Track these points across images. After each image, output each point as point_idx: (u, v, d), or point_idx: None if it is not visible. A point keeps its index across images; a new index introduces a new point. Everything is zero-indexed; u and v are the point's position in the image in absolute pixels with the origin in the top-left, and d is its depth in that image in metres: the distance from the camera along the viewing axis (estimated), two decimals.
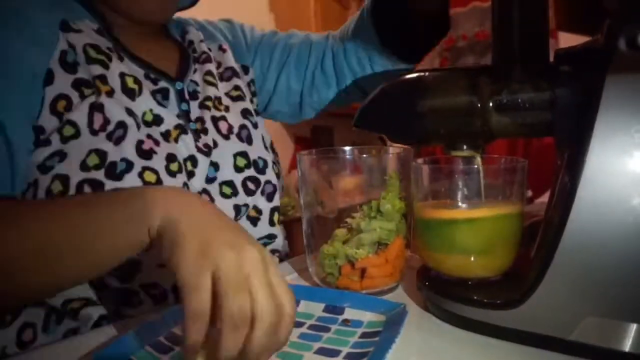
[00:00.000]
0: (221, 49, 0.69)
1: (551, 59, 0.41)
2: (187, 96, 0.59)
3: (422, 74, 0.46)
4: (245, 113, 0.64)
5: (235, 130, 0.61)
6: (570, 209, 0.34)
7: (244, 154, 0.60)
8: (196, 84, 0.61)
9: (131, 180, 0.48)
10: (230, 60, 0.68)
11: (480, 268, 0.43)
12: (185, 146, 0.54)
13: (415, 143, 0.51)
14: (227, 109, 0.63)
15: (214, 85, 0.62)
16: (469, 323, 0.40)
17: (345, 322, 0.42)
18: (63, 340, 0.46)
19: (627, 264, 0.33)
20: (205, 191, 0.55)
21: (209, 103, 0.60)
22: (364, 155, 0.51)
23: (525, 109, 0.41)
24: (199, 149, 0.55)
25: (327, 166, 0.51)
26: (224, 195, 0.57)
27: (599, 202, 0.33)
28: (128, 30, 0.58)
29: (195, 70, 0.63)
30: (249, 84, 0.71)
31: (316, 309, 0.44)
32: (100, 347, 0.40)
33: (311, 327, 0.41)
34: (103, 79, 0.50)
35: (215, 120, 0.60)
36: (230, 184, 0.57)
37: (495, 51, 0.43)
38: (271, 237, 0.63)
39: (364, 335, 0.39)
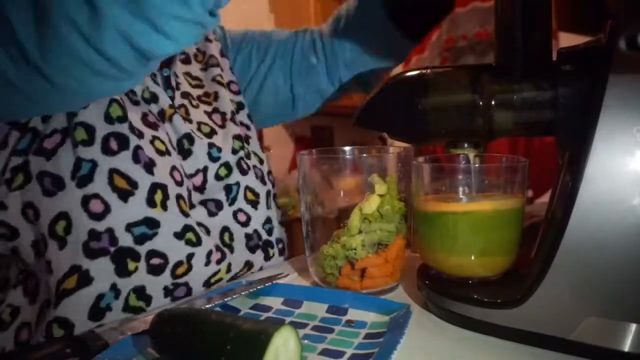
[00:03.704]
0: (207, 39, 0.69)
1: (553, 58, 0.41)
2: (173, 83, 0.59)
3: (423, 71, 0.46)
4: (228, 107, 0.65)
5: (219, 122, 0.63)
6: (572, 209, 0.34)
7: (237, 137, 0.62)
8: (176, 75, 0.61)
9: (145, 145, 0.50)
10: (215, 49, 0.69)
11: (481, 267, 0.43)
12: (180, 125, 0.56)
13: (416, 141, 0.51)
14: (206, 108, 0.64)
15: (193, 86, 0.64)
16: (469, 322, 0.40)
17: (349, 322, 0.42)
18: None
19: (628, 264, 0.33)
20: (204, 169, 0.57)
21: (189, 98, 0.61)
22: (364, 155, 0.51)
23: (527, 108, 0.41)
24: (191, 129, 0.57)
25: (327, 166, 0.51)
26: (217, 177, 0.58)
27: (600, 202, 0.33)
28: None
29: (176, 64, 0.63)
30: (231, 69, 0.71)
31: (319, 309, 0.44)
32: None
33: (315, 328, 0.41)
34: None
35: (194, 112, 0.61)
36: (227, 165, 0.59)
37: (498, 50, 0.43)
38: (271, 220, 0.64)
39: (368, 336, 0.39)
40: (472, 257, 0.42)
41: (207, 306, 0.43)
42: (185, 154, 0.56)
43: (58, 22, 0.34)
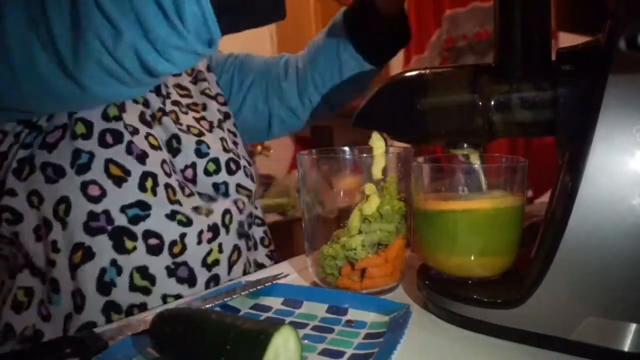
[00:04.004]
0: None
1: (553, 58, 0.41)
2: (163, 92, 0.63)
3: (422, 72, 0.46)
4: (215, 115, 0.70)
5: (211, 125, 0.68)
6: (571, 209, 0.34)
7: (225, 140, 0.67)
8: (167, 86, 0.66)
9: (139, 140, 0.55)
10: (202, 65, 0.74)
11: (480, 267, 0.43)
12: (169, 126, 0.60)
13: (416, 141, 0.51)
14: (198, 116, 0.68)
15: (182, 96, 0.68)
16: (469, 322, 0.40)
17: (349, 323, 0.42)
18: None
19: (628, 263, 0.33)
20: (193, 165, 0.61)
21: (179, 106, 0.65)
22: (364, 155, 0.51)
23: (527, 108, 0.41)
24: (180, 129, 0.61)
25: (327, 166, 0.51)
26: (207, 172, 0.62)
27: (600, 202, 0.33)
28: None
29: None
30: (217, 82, 0.76)
31: (319, 309, 0.44)
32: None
33: (315, 328, 0.41)
34: None
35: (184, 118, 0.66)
36: (216, 161, 0.63)
37: (497, 50, 0.43)
38: (253, 216, 0.70)
39: (367, 336, 0.39)
40: (472, 257, 0.42)
41: (207, 306, 0.43)
42: (174, 152, 0.60)
43: (90, 39, 0.42)
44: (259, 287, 0.47)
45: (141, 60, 0.45)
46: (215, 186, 0.63)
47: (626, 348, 0.33)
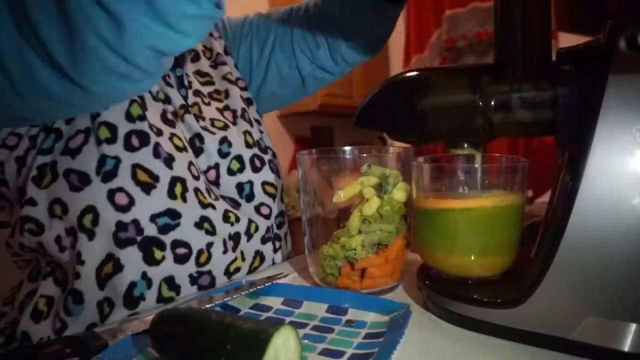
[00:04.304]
0: (212, 35, 0.71)
1: (553, 58, 0.41)
2: (185, 82, 0.61)
3: (423, 72, 0.46)
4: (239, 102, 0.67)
5: (232, 116, 0.65)
6: (571, 209, 0.34)
7: (249, 133, 0.64)
8: (188, 75, 0.63)
9: (164, 142, 0.53)
10: (220, 47, 0.70)
11: (480, 267, 0.43)
12: (191, 124, 0.58)
13: (416, 142, 0.51)
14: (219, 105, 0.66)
15: (203, 83, 0.65)
16: (469, 322, 0.40)
17: (349, 322, 0.42)
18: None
19: (628, 263, 0.33)
20: (216, 165, 0.59)
21: (200, 96, 0.63)
22: (364, 155, 0.51)
23: (527, 108, 0.41)
24: (203, 127, 0.59)
25: (327, 166, 0.51)
26: (230, 171, 0.60)
27: (600, 202, 0.33)
28: None
29: (187, 63, 0.65)
30: (235, 65, 0.73)
31: (319, 309, 0.44)
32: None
33: (315, 327, 0.41)
34: None
35: (207, 110, 0.63)
36: (239, 159, 0.61)
37: (498, 50, 0.43)
38: (283, 214, 0.67)
39: (367, 336, 0.39)
40: (472, 257, 0.42)
41: (207, 306, 0.43)
42: (197, 151, 0.58)
43: (86, 36, 0.38)
44: (259, 287, 0.47)
45: (151, 46, 0.41)
46: (240, 187, 0.60)
47: (626, 348, 0.33)
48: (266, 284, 0.47)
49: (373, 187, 0.49)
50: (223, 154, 0.59)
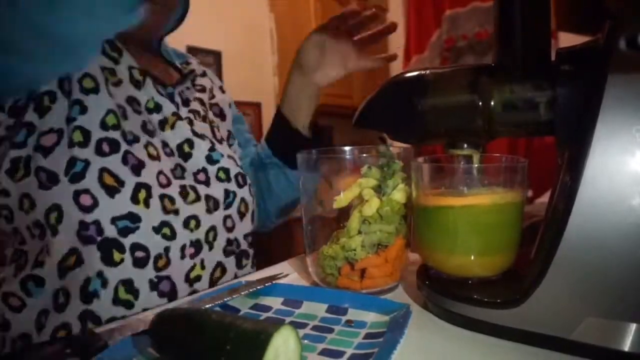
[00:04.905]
0: (221, 89, 0.78)
1: (553, 58, 0.41)
2: (176, 100, 0.65)
3: (423, 72, 0.46)
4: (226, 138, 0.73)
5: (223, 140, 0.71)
6: (571, 209, 0.34)
7: (233, 158, 0.68)
8: (187, 95, 0.68)
9: (138, 149, 0.55)
10: (225, 102, 0.76)
11: (480, 267, 0.43)
12: (182, 130, 0.61)
13: (416, 141, 0.51)
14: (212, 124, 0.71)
15: (203, 106, 0.70)
16: (469, 322, 0.40)
17: (349, 322, 0.42)
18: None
19: (627, 263, 0.33)
20: (204, 170, 0.62)
21: (194, 114, 0.67)
22: (364, 155, 0.51)
23: (526, 108, 0.41)
24: (194, 133, 0.62)
25: (327, 166, 0.51)
26: (219, 178, 0.64)
27: (600, 202, 0.33)
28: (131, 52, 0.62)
29: (189, 88, 0.70)
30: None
31: (319, 309, 0.44)
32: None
33: (314, 327, 0.41)
34: (112, 71, 0.58)
35: (199, 124, 0.67)
36: (226, 171, 0.65)
37: (497, 50, 0.43)
38: (252, 234, 0.71)
39: (367, 336, 0.39)
40: (472, 257, 0.42)
41: (207, 306, 0.43)
42: (185, 156, 0.61)
43: None
44: (259, 287, 0.47)
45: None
46: (227, 193, 0.64)
47: (626, 348, 0.33)
48: (266, 284, 0.47)
49: (372, 189, 0.49)
50: (212, 161, 0.63)
